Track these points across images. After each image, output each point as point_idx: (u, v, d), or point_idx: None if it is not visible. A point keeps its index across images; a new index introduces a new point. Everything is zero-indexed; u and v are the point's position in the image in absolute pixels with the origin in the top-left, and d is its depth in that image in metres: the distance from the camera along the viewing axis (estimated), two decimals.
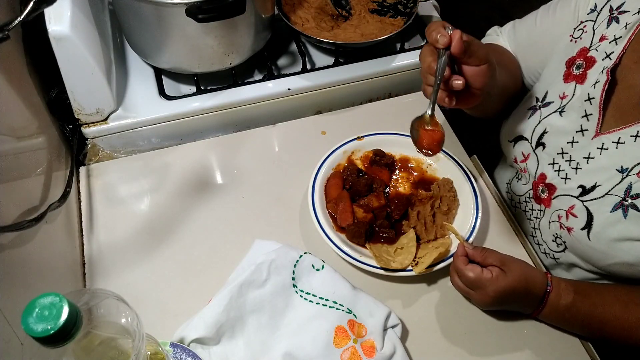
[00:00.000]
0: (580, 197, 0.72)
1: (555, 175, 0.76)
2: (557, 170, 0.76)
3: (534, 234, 0.84)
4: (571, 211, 0.73)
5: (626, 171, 0.67)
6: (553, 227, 0.78)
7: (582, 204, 0.72)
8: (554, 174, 0.77)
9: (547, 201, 0.78)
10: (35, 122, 0.76)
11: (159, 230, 0.83)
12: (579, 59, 0.74)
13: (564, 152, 0.75)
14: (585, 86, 0.72)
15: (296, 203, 0.87)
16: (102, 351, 0.46)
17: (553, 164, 0.77)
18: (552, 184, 0.77)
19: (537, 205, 0.81)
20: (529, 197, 0.84)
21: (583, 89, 0.72)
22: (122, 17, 0.90)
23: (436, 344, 0.74)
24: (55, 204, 0.72)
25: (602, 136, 0.70)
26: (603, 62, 0.70)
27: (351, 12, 1.05)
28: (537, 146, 0.79)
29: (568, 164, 0.74)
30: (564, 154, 0.75)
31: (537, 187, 0.80)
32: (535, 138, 0.79)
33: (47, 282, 0.67)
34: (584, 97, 0.72)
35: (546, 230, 0.80)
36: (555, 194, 0.76)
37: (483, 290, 0.69)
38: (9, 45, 0.72)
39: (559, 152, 0.76)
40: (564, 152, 0.75)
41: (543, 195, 0.79)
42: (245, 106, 0.97)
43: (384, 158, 0.89)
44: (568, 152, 0.74)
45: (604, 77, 0.69)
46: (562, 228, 0.75)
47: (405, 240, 0.79)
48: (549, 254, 0.82)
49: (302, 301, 0.73)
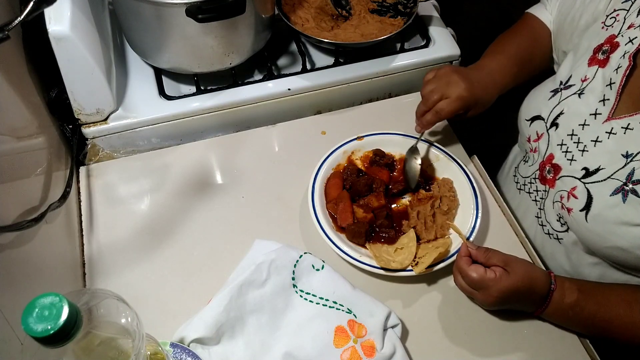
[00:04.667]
0: (582, 178, 0.73)
1: (562, 156, 0.77)
2: (564, 152, 0.77)
3: (539, 214, 0.84)
4: (573, 192, 0.74)
5: (631, 156, 0.67)
6: (557, 207, 0.78)
7: (584, 186, 0.72)
8: (561, 154, 0.77)
9: (551, 182, 0.79)
10: (35, 122, 0.76)
11: (159, 230, 0.83)
12: (605, 45, 0.74)
13: (573, 134, 0.75)
14: (606, 70, 0.73)
15: (296, 203, 0.87)
16: (102, 351, 0.46)
17: (562, 145, 0.77)
18: (558, 164, 0.77)
19: (542, 185, 0.82)
20: (534, 178, 0.84)
21: (605, 73, 0.73)
22: (122, 17, 0.90)
23: (436, 344, 0.74)
24: (55, 204, 0.72)
25: (612, 121, 0.71)
26: (625, 46, 0.71)
27: (351, 12, 1.05)
28: (551, 126, 0.79)
29: (576, 145, 0.75)
30: (574, 135, 0.75)
31: (544, 168, 0.81)
32: (551, 118, 0.79)
33: (47, 282, 0.67)
34: (606, 82, 0.72)
35: (550, 211, 0.81)
36: (559, 175, 0.77)
37: (486, 291, 0.69)
38: (9, 45, 0.72)
39: (569, 133, 0.76)
40: (574, 134, 0.75)
41: (549, 176, 0.79)
42: (245, 106, 0.97)
43: (384, 158, 0.89)
44: (577, 134, 0.75)
45: (626, 62, 0.69)
46: (563, 208, 0.76)
47: (405, 240, 0.79)
48: (553, 234, 0.82)
49: (302, 301, 0.73)
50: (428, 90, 0.84)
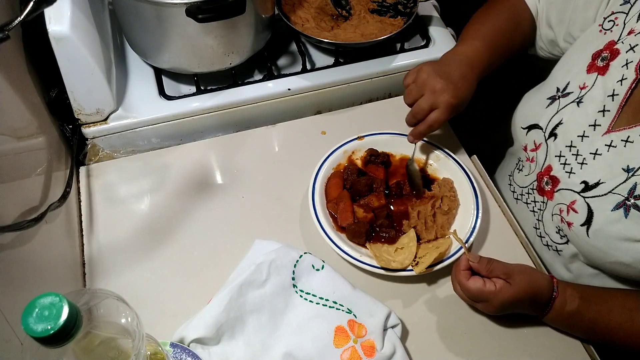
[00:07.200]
0: (582, 192, 0.72)
1: (561, 168, 0.75)
2: (562, 164, 0.75)
3: (537, 226, 0.83)
4: (572, 206, 0.73)
5: (632, 171, 0.66)
6: (556, 220, 0.77)
7: (584, 200, 0.71)
8: (560, 166, 0.75)
9: (549, 193, 0.78)
10: (35, 122, 0.76)
11: (159, 230, 0.83)
12: (605, 51, 0.72)
13: (572, 145, 0.74)
14: (607, 78, 0.71)
15: (296, 203, 0.87)
16: (102, 351, 0.46)
17: (560, 157, 0.76)
18: (556, 176, 0.76)
19: (540, 197, 0.80)
20: (532, 189, 0.83)
21: (605, 81, 0.71)
22: (122, 17, 0.90)
23: (436, 344, 0.74)
24: (55, 204, 0.72)
25: (612, 133, 0.69)
26: (626, 54, 0.69)
27: (351, 12, 1.05)
28: (549, 136, 0.78)
29: (575, 158, 0.73)
30: (572, 147, 0.74)
31: (541, 179, 0.79)
32: (550, 128, 0.78)
33: (47, 282, 0.67)
34: (608, 92, 0.70)
35: (549, 222, 0.80)
36: (558, 187, 0.76)
37: (487, 303, 0.69)
38: (9, 45, 0.72)
39: (568, 144, 0.74)
40: (572, 146, 0.74)
41: (547, 188, 0.78)
42: (245, 106, 0.97)
43: (378, 157, 0.89)
44: (576, 146, 0.73)
45: (632, 74, 0.67)
46: (563, 222, 0.75)
47: (405, 240, 0.79)
48: (552, 246, 0.81)
49: (302, 301, 0.73)
50: (413, 100, 0.80)
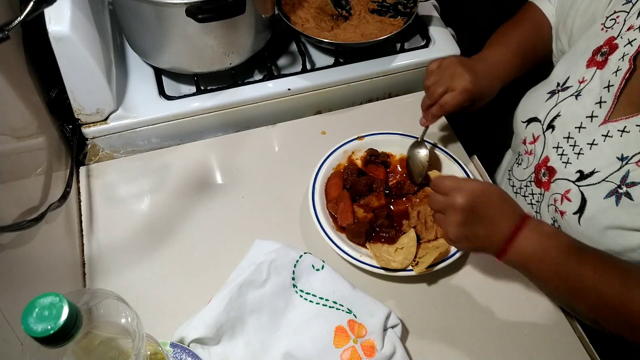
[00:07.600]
0: (577, 181, 0.72)
1: (558, 158, 0.76)
2: (560, 154, 0.76)
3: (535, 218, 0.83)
4: (566, 195, 0.73)
5: (626, 159, 0.67)
6: (551, 210, 0.78)
7: (578, 189, 0.72)
8: (557, 157, 0.76)
9: (546, 184, 0.78)
10: (35, 122, 0.76)
11: (159, 230, 0.83)
12: (605, 47, 0.73)
13: (569, 137, 0.75)
14: (604, 72, 0.72)
15: (296, 203, 0.87)
16: (102, 351, 0.46)
17: (557, 148, 0.77)
18: (553, 167, 0.77)
19: (537, 189, 0.81)
20: (530, 182, 0.83)
21: (602, 75, 0.72)
22: (122, 17, 0.90)
23: (436, 344, 0.74)
24: (55, 204, 0.72)
25: (608, 124, 0.70)
26: (624, 48, 0.70)
27: (351, 12, 1.05)
28: (547, 128, 0.79)
29: (572, 148, 0.74)
30: (570, 138, 0.75)
31: (539, 170, 0.80)
32: (548, 120, 0.79)
33: (47, 282, 0.67)
34: (604, 84, 0.71)
35: (546, 214, 0.80)
36: (554, 177, 0.76)
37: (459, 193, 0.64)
38: (9, 45, 0.72)
39: (565, 136, 0.75)
40: (570, 137, 0.75)
41: (544, 179, 0.79)
42: (245, 106, 0.97)
43: (378, 157, 0.89)
44: (574, 137, 0.74)
45: (626, 65, 0.68)
46: (557, 211, 0.75)
47: (405, 240, 0.79)
48: None
49: (302, 301, 0.73)
50: (432, 82, 0.82)
